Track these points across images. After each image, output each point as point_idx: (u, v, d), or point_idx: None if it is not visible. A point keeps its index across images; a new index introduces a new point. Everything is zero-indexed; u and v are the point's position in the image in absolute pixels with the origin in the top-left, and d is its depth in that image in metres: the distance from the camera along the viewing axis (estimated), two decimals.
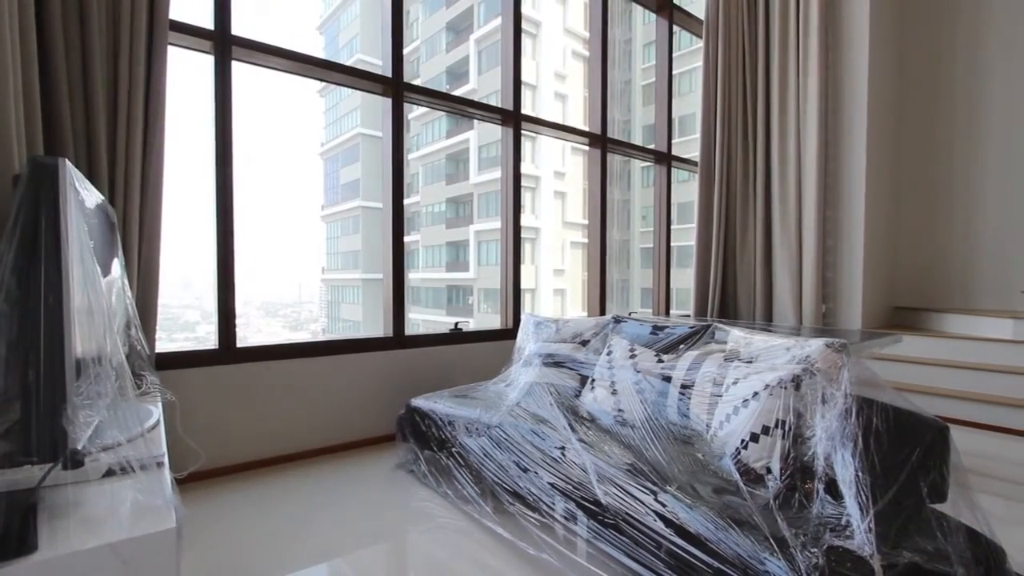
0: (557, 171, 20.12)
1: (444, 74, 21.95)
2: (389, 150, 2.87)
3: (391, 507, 2.08)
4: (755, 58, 4.25)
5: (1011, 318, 3.55)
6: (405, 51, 2.95)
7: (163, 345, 2.31)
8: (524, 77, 3.83)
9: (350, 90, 2.89)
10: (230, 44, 2.29)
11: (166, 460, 1.00)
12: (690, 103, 4.15)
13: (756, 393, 1.55)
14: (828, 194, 4.05)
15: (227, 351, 2.33)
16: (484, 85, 19.64)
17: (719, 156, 4.17)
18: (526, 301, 19.24)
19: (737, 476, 1.47)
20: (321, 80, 2.78)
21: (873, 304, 4.22)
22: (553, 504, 1.62)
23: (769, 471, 1.46)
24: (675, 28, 4.53)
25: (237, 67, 2.35)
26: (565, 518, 1.58)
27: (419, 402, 2.37)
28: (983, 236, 4.39)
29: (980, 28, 4.39)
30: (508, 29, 3.40)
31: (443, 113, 3.68)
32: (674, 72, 4.52)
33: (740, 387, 1.64)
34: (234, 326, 2.34)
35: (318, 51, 25.20)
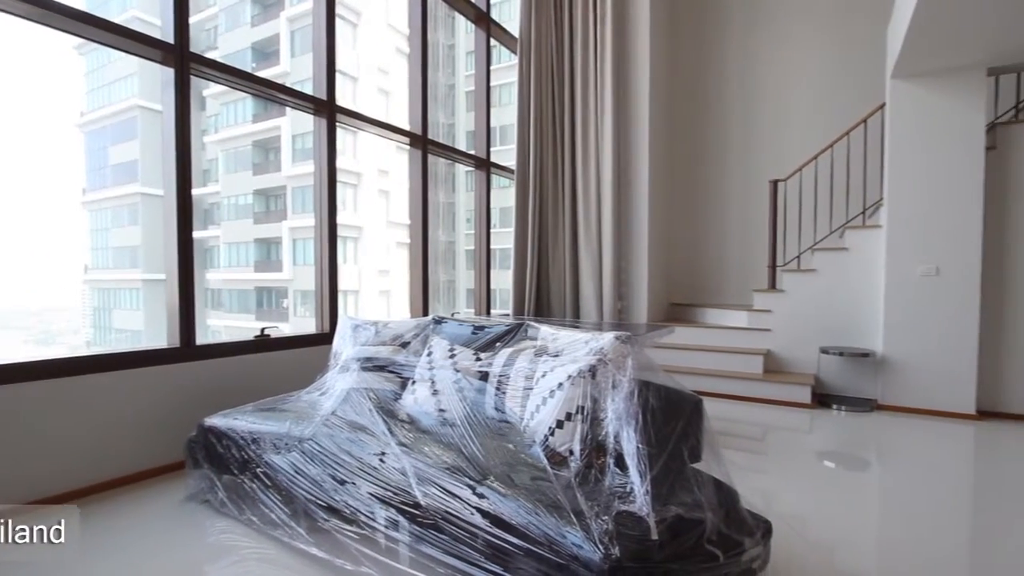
0: (381, 169, 19.52)
1: (250, 50, 19.57)
2: (172, 128, 2.45)
3: (182, 546, 1.79)
4: (563, 78, 4.71)
5: (746, 311, 4.55)
6: (198, 17, 2.57)
7: None
8: (344, 67, 3.59)
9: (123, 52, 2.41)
10: None
11: None
12: (511, 113, 4.44)
13: (561, 384, 1.71)
14: (621, 206, 4.68)
15: None
16: (299, 69, 18.03)
17: (533, 167, 4.51)
18: (349, 303, 18.24)
19: (545, 461, 1.61)
20: (77, 35, 2.25)
21: (656, 301, 5.01)
22: (373, 514, 1.57)
23: (572, 453, 1.62)
24: (493, 42, 4.76)
25: None
26: (386, 526, 1.54)
27: (215, 420, 2.08)
28: (730, 246, 5.53)
29: (726, 70, 5.52)
30: (321, 12, 3.19)
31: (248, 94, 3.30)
32: (497, 83, 4.76)
33: (548, 379, 1.79)
34: None
35: None
